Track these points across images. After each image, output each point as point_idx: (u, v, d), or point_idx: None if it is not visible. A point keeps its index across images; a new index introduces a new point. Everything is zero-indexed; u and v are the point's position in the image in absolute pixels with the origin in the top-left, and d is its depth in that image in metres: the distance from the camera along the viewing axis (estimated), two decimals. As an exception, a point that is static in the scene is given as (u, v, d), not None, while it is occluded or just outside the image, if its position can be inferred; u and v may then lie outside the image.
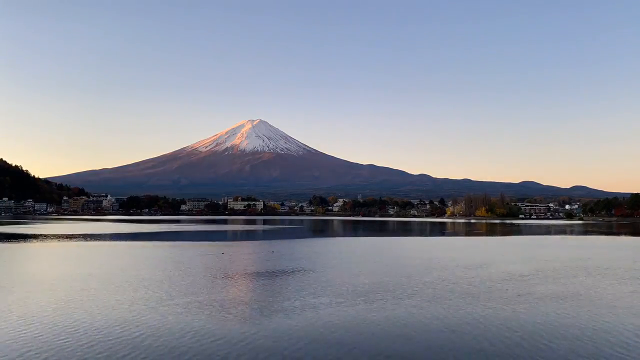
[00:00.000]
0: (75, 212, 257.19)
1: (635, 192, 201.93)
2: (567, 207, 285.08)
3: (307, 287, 22.16)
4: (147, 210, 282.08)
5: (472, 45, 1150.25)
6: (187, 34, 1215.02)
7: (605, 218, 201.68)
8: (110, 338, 13.40)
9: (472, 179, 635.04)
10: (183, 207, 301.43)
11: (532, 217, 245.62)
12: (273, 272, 27.67)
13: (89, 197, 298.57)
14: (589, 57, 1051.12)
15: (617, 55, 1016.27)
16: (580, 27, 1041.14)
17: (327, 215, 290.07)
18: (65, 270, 27.39)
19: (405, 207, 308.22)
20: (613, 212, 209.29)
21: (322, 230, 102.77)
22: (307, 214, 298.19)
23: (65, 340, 13.15)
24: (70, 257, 36.40)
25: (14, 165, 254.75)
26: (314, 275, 25.92)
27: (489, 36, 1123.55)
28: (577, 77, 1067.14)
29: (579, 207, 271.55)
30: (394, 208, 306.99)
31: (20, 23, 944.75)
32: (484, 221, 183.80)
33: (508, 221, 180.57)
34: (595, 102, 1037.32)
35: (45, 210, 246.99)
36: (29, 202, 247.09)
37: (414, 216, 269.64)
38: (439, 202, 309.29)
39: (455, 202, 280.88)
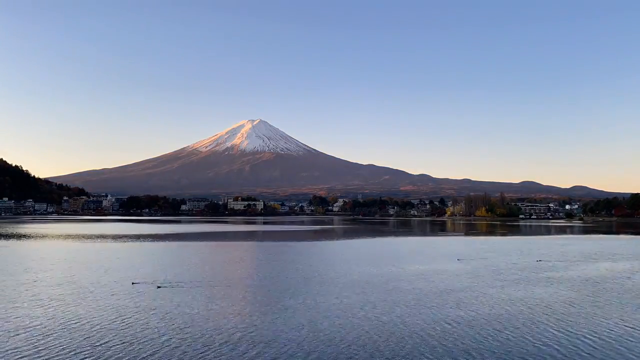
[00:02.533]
0: (75, 212, 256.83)
1: (635, 192, 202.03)
2: (567, 207, 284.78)
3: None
4: (147, 210, 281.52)
5: (472, 45, 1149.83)
6: (187, 34, 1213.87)
7: (605, 218, 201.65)
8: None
9: (472, 179, 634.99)
10: (183, 207, 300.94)
11: (532, 217, 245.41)
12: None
13: (89, 197, 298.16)
14: (589, 57, 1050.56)
15: (617, 54, 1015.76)
16: (580, 27, 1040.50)
17: (327, 215, 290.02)
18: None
19: (405, 207, 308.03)
20: (613, 212, 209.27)
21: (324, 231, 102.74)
22: (307, 214, 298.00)
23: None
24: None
25: (14, 165, 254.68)
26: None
27: (489, 36, 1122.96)
28: (578, 77, 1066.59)
29: (579, 207, 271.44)
30: (394, 208, 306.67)
31: (19, 22, 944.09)
32: (484, 221, 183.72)
33: (508, 222, 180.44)
34: (595, 102, 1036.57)
35: (46, 210, 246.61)
36: (29, 202, 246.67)
37: (414, 216, 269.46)
38: (439, 202, 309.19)
39: (455, 202, 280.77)
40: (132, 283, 24.04)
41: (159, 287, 23.06)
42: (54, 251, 42.90)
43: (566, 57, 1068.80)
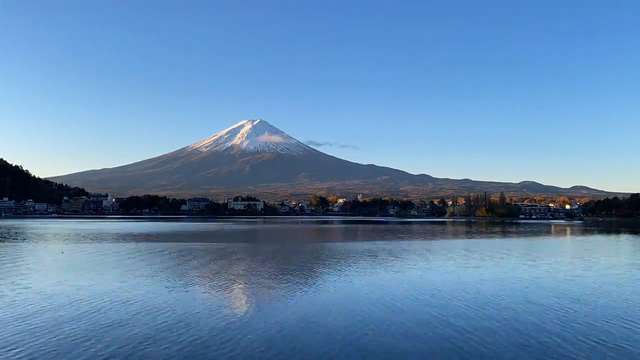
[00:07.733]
0: (75, 212, 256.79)
1: (635, 192, 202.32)
2: (567, 207, 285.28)
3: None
4: (147, 210, 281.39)
5: (473, 45, 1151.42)
6: (188, 34, 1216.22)
7: (605, 218, 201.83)
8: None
9: (472, 179, 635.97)
10: (183, 207, 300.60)
11: (532, 217, 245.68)
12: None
13: (89, 197, 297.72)
14: (589, 57, 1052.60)
15: (617, 55, 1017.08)
16: (581, 28, 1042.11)
17: (327, 215, 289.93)
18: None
19: (405, 207, 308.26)
20: (613, 212, 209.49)
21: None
22: (308, 214, 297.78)
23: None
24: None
25: (14, 165, 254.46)
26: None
27: (489, 36, 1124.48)
28: (578, 77, 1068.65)
29: (579, 207, 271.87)
30: (394, 208, 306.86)
31: (19, 23, 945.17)
32: (483, 221, 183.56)
33: (508, 221, 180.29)
34: (595, 102, 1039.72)
35: (46, 211, 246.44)
36: (30, 202, 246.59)
37: (414, 216, 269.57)
38: (439, 202, 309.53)
39: (455, 202, 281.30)
40: None
41: None
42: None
43: (566, 57, 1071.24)
